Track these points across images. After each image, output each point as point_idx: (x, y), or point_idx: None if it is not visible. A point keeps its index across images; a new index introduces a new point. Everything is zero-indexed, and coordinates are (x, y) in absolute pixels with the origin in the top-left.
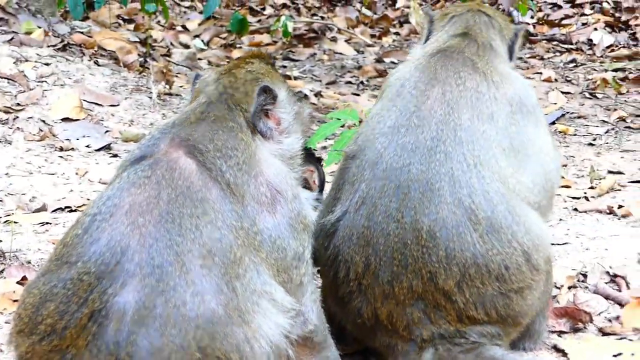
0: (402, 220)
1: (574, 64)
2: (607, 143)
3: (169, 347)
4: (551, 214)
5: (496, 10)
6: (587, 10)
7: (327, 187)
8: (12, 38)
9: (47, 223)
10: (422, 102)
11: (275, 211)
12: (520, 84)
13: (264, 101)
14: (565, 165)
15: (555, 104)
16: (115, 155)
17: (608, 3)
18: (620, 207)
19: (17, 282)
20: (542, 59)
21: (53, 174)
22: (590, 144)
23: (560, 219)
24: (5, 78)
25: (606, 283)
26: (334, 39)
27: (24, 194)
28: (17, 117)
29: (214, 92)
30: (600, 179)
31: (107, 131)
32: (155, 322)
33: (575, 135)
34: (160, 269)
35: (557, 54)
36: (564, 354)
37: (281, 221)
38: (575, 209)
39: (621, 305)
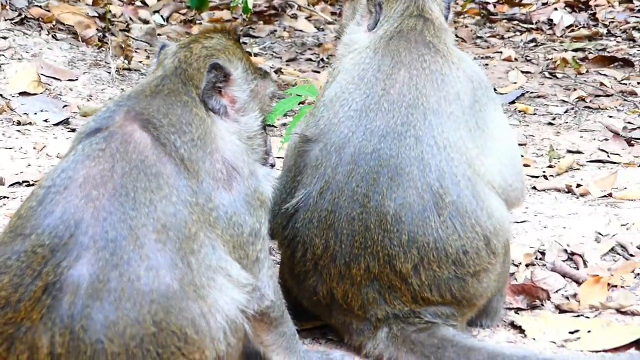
0: (368, 205)
1: (534, 44)
2: (566, 122)
3: (124, 321)
4: (525, 194)
5: None
6: None
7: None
8: None
9: (4, 197)
10: (391, 85)
11: (231, 187)
12: (473, 62)
13: (214, 79)
14: (525, 144)
15: (515, 83)
16: (73, 130)
17: None
18: (578, 186)
19: None
20: (502, 38)
21: (10, 148)
22: (550, 124)
23: None
24: None
25: (563, 261)
26: (294, 16)
27: None
28: None
29: (170, 65)
30: (559, 158)
31: (65, 106)
32: (109, 295)
33: (534, 114)
34: (114, 242)
35: (517, 33)
36: (521, 330)
37: (237, 197)
38: (534, 188)
39: (578, 283)
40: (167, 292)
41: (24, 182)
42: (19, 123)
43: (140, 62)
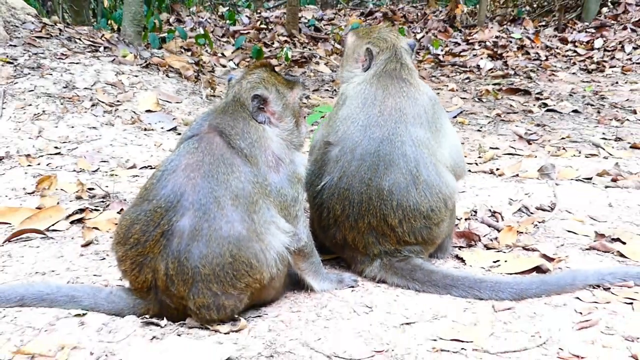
0: (371, 185)
1: (468, 80)
2: (489, 130)
3: (211, 254)
4: (466, 171)
5: (402, 36)
6: (476, 46)
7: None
8: (114, 59)
9: (136, 176)
10: (384, 109)
11: (278, 171)
12: (429, 88)
13: (256, 104)
14: (463, 143)
15: (456, 105)
16: (179, 134)
17: (489, 42)
18: (497, 169)
19: (117, 212)
20: (448, 76)
21: (140, 145)
22: (479, 130)
23: None
24: (109, 84)
25: (489, 217)
26: (317, 63)
27: (122, 157)
28: (117, 109)
29: (230, 95)
30: (485, 152)
31: (174, 119)
32: (202, 238)
33: (469, 124)
34: (205, 206)
35: (458, 73)
36: (462, 260)
37: (283, 177)
38: (469, 171)
39: (498, 230)
40: (239, 237)
41: (148, 166)
42: (145, 129)
43: (221, 91)
